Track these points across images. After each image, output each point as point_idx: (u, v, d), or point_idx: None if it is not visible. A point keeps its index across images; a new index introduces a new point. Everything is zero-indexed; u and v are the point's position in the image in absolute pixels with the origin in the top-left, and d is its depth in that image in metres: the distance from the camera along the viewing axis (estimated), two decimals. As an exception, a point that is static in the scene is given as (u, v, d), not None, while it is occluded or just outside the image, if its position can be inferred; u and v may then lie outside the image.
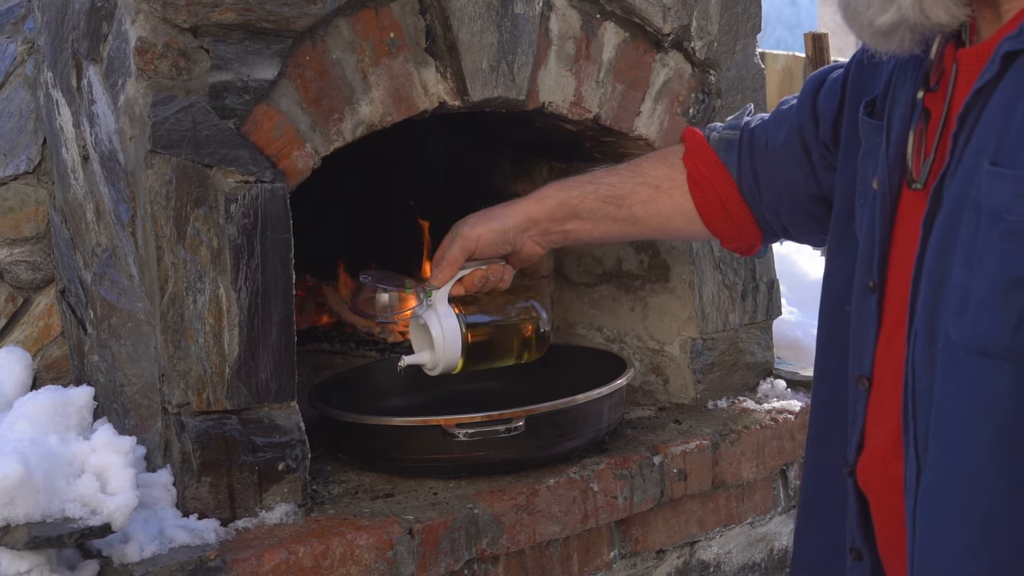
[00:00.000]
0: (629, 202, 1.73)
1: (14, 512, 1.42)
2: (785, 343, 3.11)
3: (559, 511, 1.83)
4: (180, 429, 1.63)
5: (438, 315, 1.75)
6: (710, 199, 1.68)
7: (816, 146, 1.52)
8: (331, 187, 2.17)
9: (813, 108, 1.52)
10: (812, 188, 1.55)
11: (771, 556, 2.23)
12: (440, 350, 1.75)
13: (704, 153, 1.69)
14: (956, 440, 1.08)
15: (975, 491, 1.06)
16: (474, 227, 1.73)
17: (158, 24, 1.55)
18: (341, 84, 1.73)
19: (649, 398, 2.29)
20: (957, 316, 1.07)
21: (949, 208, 1.11)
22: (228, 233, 1.62)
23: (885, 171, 1.24)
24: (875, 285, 1.24)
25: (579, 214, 1.75)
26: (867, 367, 1.25)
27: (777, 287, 2.35)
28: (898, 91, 1.28)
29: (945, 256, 1.10)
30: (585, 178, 1.78)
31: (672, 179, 1.71)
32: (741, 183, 1.65)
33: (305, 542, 1.59)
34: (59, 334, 2.04)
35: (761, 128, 1.65)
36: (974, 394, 1.06)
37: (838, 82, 1.48)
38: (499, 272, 1.78)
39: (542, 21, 1.93)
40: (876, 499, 1.25)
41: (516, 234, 1.75)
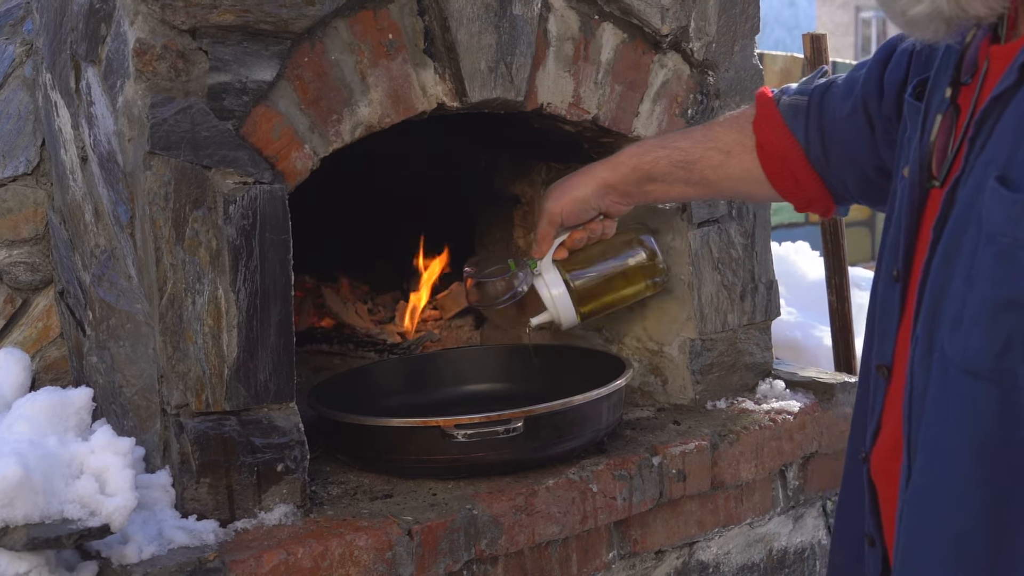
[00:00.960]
0: (700, 167, 1.72)
1: (13, 513, 1.42)
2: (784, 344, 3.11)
3: (558, 512, 1.83)
4: (179, 430, 1.63)
5: (546, 283, 1.93)
6: (778, 166, 1.65)
7: (880, 119, 1.48)
8: (330, 189, 2.17)
9: (880, 79, 1.47)
10: (875, 160, 1.51)
11: (770, 556, 2.23)
12: (555, 312, 1.94)
13: (772, 119, 1.66)
14: (941, 451, 1.08)
15: (953, 505, 1.06)
16: (557, 200, 1.84)
17: (156, 26, 1.55)
18: (340, 85, 1.73)
19: (648, 399, 2.29)
20: (952, 330, 1.06)
21: (957, 216, 1.09)
22: (227, 234, 1.62)
23: (916, 161, 1.21)
24: (899, 274, 1.23)
25: (654, 177, 1.77)
26: (888, 356, 1.24)
27: (776, 288, 2.35)
28: (938, 78, 1.24)
29: (948, 266, 1.09)
30: (658, 142, 1.80)
31: (742, 144, 1.69)
32: (809, 150, 1.62)
33: (304, 543, 1.59)
34: (58, 335, 2.04)
35: (831, 94, 1.60)
36: (959, 410, 1.06)
37: (906, 53, 1.43)
38: (598, 228, 1.89)
39: (540, 22, 1.93)
40: (882, 490, 1.25)
41: (597, 200, 1.82)
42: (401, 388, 2.22)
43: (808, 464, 2.23)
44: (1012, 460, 1.02)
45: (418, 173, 2.77)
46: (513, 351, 2.31)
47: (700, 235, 2.19)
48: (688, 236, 2.18)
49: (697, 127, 1.82)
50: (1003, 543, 1.03)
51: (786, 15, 19.29)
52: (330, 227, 2.59)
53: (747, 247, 2.26)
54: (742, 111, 1.76)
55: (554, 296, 1.92)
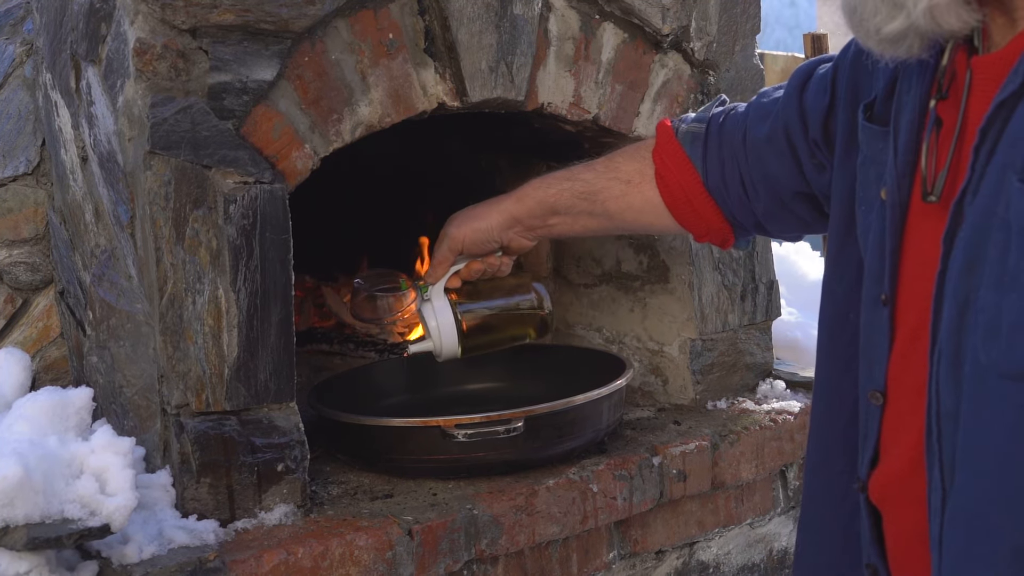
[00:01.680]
0: (602, 198, 1.73)
1: (13, 513, 1.42)
2: (784, 344, 3.11)
3: (558, 512, 1.83)
4: (179, 430, 1.63)
5: (434, 309, 1.87)
6: (676, 195, 1.66)
7: (804, 145, 1.47)
8: (331, 189, 2.17)
9: (800, 105, 1.47)
10: (797, 185, 1.51)
11: (770, 557, 2.23)
12: (438, 340, 1.88)
13: (671, 147, 1.67)
14: (987, 465, 1.04)
15: (1010, 519, 1.02)
16: (459, 227, 1.83)
17: (157, 25, 1.55)
18: (340, 85, 1.73)
19: (648, 399, 2.29)
20: (988, 339, 1.03)
21: (974, 225, 1.06)
22: (227, 234, 1.62)
23: (895, 181, 1.20)
24: (887, 298, 1.21)
25: (558, 210, 1.78)
26: (880, 381, 1.22)
27: (776, 288, 2.35)
28: (903, 96, 1.23)
29: (971, 275, 1.06)
30: (564, 174, 1.80)
31: (642, 174, 1.70)
32: (707, 178, 1.62)
33: (304, 543, 1.59)
34: (58, 335, 2.04)
35: (735, 120, 1.61)
36: (1008, 418, 1.02)
37: (827, 78, 1.43)
38: (496, 263, 1.88)
39: (541, 22, 1.93)
40: (892, 515, 1.22)
41: (500, 232, 1.82)
42: (401, 388, 2.22)
43: (809, 464, 2.23)
44: None
45: (418, 173, 2.77)
46: (514, 351, 2.31)
47: (701, 235, 2.19)
48: (689, 236, 2.18)
49: (601, 159, 1.81)
50: None
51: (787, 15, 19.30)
52: (330, 227, 2.59)
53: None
54: (644, 141, 1.78)
55: (440, 325, 1.87)
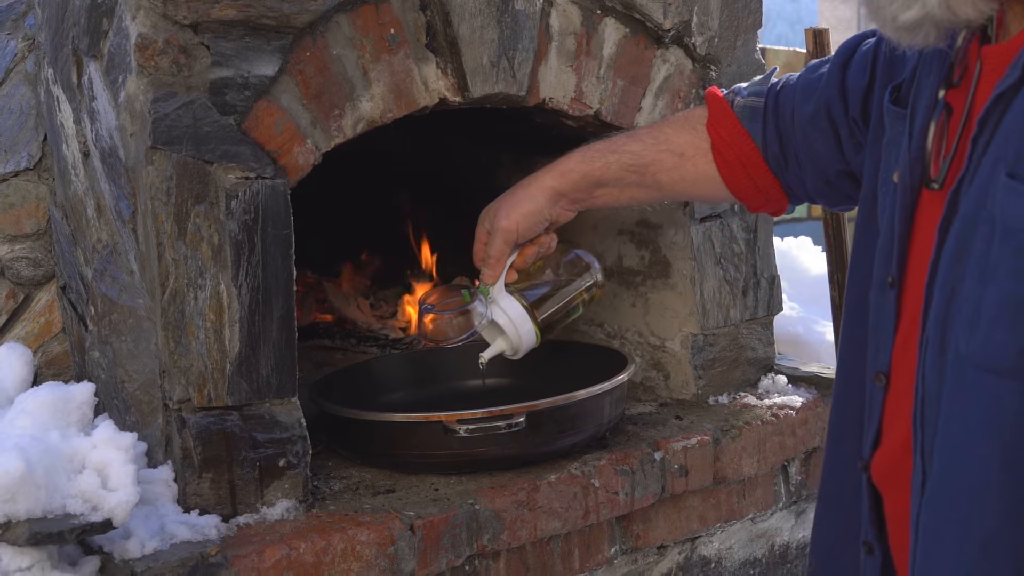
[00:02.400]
0: (653, 170, 1.71)
1: (15, 508, 1.42)
2: (786, 339, 3.11)
3: (560, 507, 1.83)
4: (181, 425, 1.63)
5: (502, 308, 1.81)
6: (735, 168, 1.65)
7: (844, 123, 1.47)
8: (333, 184, 2.17)
9: (842, 84, 1.47)
10: (839, 164, 1.51)
11: (772, 552, 2.23)
12: (515, 337, 1.82)
13: (727, 121, 1.65)
14: (960, 454, 1.05)
15: (977, 508, 1.04)
16: (508, 217, 1.75)
17: (158, 20, 1.55)
18: (342, 80, 1.73)
19: (650, 394, 2.29)
20: (967, 329, 1.04)
21: (965, 216, 1.07)
22: (229, 229, 1.62)
23: (907, 165, 1.21)
24: (894, 280, 1.22)
25: (604, 182, 1.74)
26: (884, 363, 1.23)
27: (778, 283, 2.34)
28: (923, 80, 1.23)
29: (959, 265, 1.07)
30: (606, 146, 1.76)
31: (695, 147, 1.68)
32: (766, 152, 1.62)
33: (306, 538, 1.60)
34: (60, 330, 2.04)
35: (788, 95, 1.60)
36: (980, 410, 1.03)
37: (868, 56, 1.43)
38: (546, 243, 1.82)
39: (542, 17, 1.93)
40: (889, 496, 1.24)
41: (548, 210, 1.77)
42: (403, 383, 2.22)
43: (810, 459, 2.23)
44: None
45: (420, 168, 2.77)
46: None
47: (702, 230, 2.19)
48: (690, 231, 2.18)
49: (643, 129, 1.80)
50: None
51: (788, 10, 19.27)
52: (332, 222, 2.59)
53: (749, 242, 2.26)
54: (691, 111, 1.75)
55: (514, 320, 1.81)
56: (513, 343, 1.83)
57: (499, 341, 1.85)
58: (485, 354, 1.87)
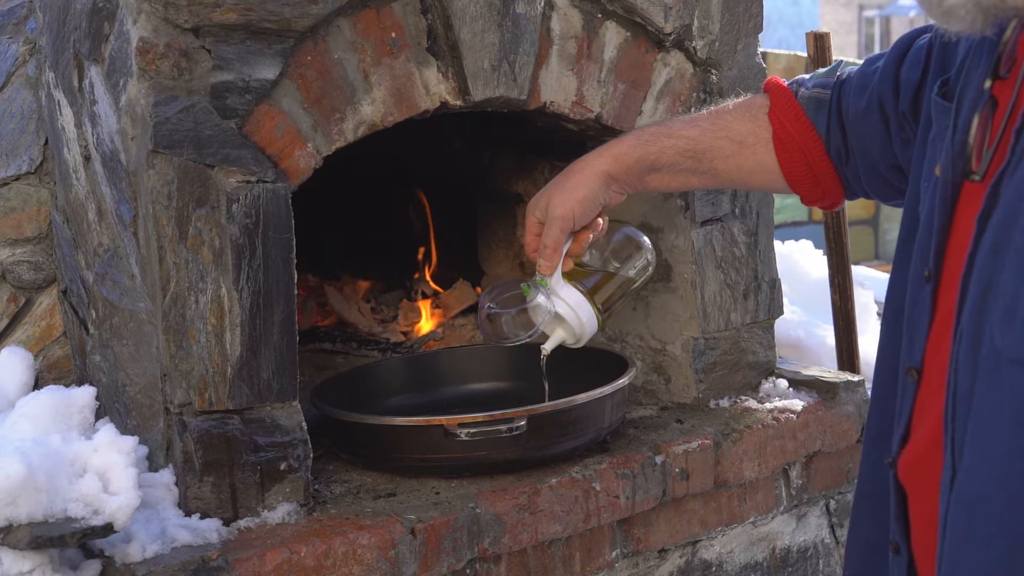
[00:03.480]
0: (710, 157, 1.67)
1: (16, 512, 1.42)
2: (787, 342, 3.11)
3: (561, 510, 1.83)
4: (182, 429, 1.63)
5: (562, 299, 1.76)
6: (796, 159, 1.62)
7: (895, 117, 1.45)
8: (334, 187, 2.17)
9: (896, 77, 1.45)
10: (889, 158, 1.50)
11: (773, 555, 2.23)
12: (578, 326, 1.78)
13: (792, 111, 1.62)
14: (994, 449, 1.04)
15: (1010, 503, 1.02)
16: (565, 204, 1.70)
17: (160, 24, 1.55)
18: (343, 84, 1.73)
19: (651, 397, 2.29)
20: (1004, 322, 1.03)
21: (1005, 208, 1.06)
22: (230, 233, 1.62)
23: (949, 158, 1.19)
24: (931, 275, 1.20)
25: (658, 168, 1.70)
26: (917, 359, 1.22)
27: (779, 286, 2.34)
28: (970, 74, 1.22)
29: (996, 258, 1.05)
30: (661, 131, 1.72)
31: (756, 135, 1.64)
32: (829, 145, 1.59)
33: (307, 542, 1.60)
34: (61, 334, 2.04)
35: (847, 89, 1.58)
36: (1014, 404, 1.02)
37: (923, 51, 1.41)
38: (600, 227, 1.78)
39: (543, 21, 1.93)
40: (915, 495, 1.22)
41: (603, 194, 1.72)
42: (404, 387, 2.22)
43: (811, 463, 2.23)
44: None
45: (421, 171, 2.77)
46: (516, 350, 2.31)
47: (703, 233, 2.19)
48: (691, 235, 2.18)
49: (702, 115, 1.75)
50: None
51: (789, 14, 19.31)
52: (333, 225, 2.59)
53: (750, 245, 2.26)
54: (751, 99, 1.71)
55: (575, 308, 1.76)
56: (576, 332, 1.79)
57: (559, 331, 1.81)
58: (547, 345, 1.83)
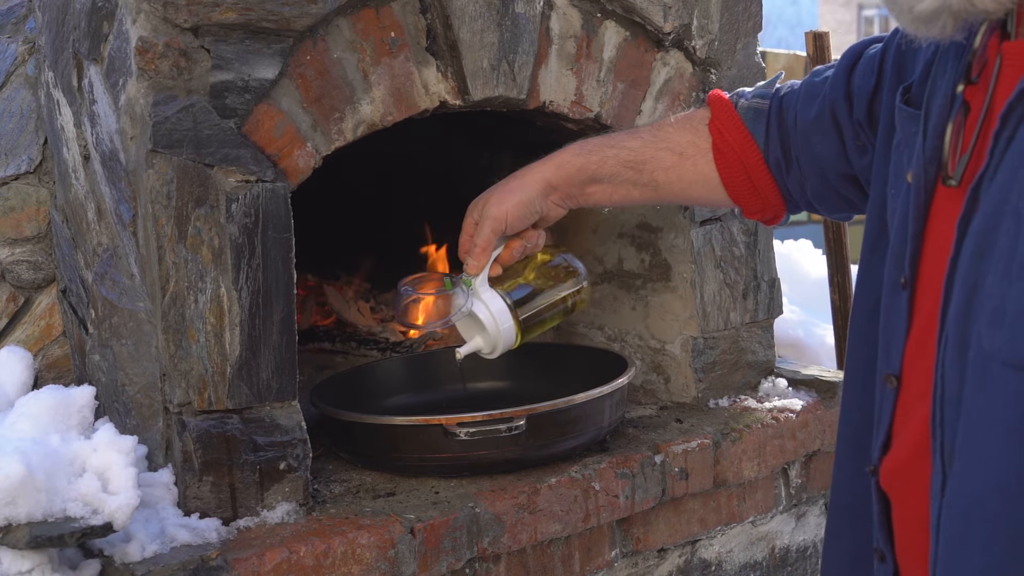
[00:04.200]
0: (650, 168, 1.67)
1: (16, 511, 1.42)
2: (786, 342, 3.11)
3: (560, 510, 1.83)
4: (181, 428, 1.63)
5: (484, 302, 1.73)
6: (735, 170, 1.62)
7: (849, 125, 1.46)
8: (333, 187, 2.17)
9: (847, 85, 1.45)
10: (842, 167, 1.49)
11: (772, 555, 2.23)
12: (495, 334, 1.75)
13: (731, 122, 1.63)
14: (987, 452, 1.04)
15: (1005, 506, 1.02)
16: (500, 205, 1.70)
17: (159, 24, 1.55)
18: (342, 83, 1.73)
19: (650, 397, 2.29)
20: (992, 326, 1.03)
21: (987, 211, 1.06)
22: (229, 232, 1.62)
23: (921, 164, 1.19)
24: (907, 281, 1.20)
25: (599, 178, 1.69)
26: (896, 366, 1.22)
27: (778, 286, 2.34)
28: (937, 80, 1.22)
29: (981, 262, 1.05)
30: (605, 141, 1.72)
31: (696, 146, 1.65)
32: (768, 155, 1.60)
33: (306, 541, 1.60)
34: (60, 334, 2.04)
35: (791, 99, 1.58)
36: (1007, 407, 1.02)
37: (875, 59, 1.41)
38: (533, 238, 1.76)
39: (543, 20, 1.93)
40: (898, 501, 1.22)
41: (540, 201, 1.71)
42: (403, 386, 2.22)
43: (811, 462, 2.23)
44: None
45: (420, 171, 2.77)
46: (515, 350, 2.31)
47: (702, 233, 2.19)
48: (690, 234, 2.18)
49: (643, 127, 1.76)
50: None
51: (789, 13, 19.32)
52: (332, 225, 2.59)
53: (749, 245, 2.26)
54: (693, 112, 1.72)
55: (495, 315, 1.73)
56: (492, 339, 1.76)
57: (477, 338, 1.78)
58: (461, 350, 1.80)
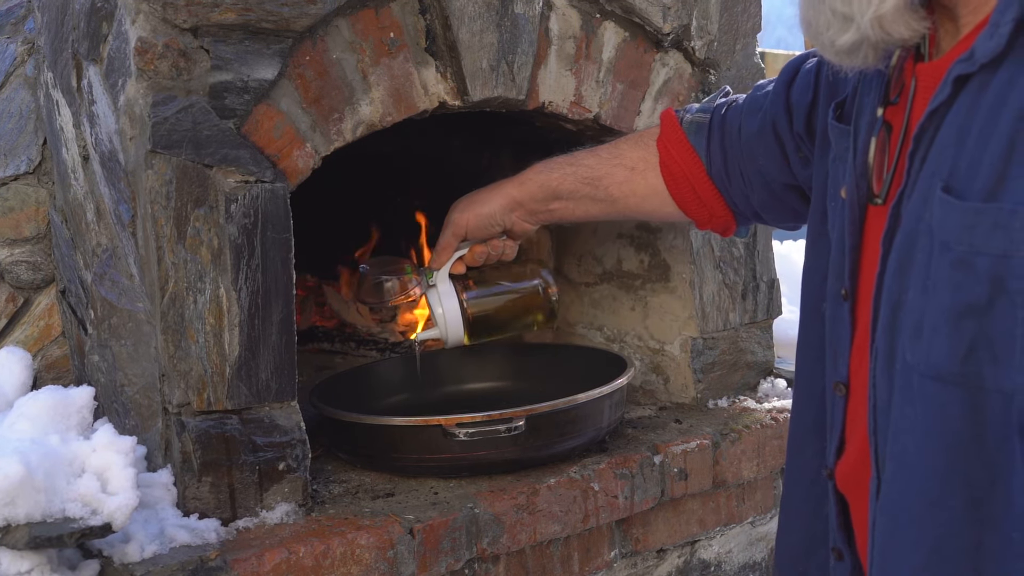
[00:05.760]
0: (605, 183, 1.77)
1: (15, 512, 1.42)
2: (786, 342, 3.10)
3: (560, 510, 1.83)
4: (180, 429, 1.63)
5: (439, 295, 1.89)
6: (680, 182, 1.71)
7: (790, 138, 1.52)
8: (332, 187, 2.17)
9: (787, 100, 1.52)
10: (785, 177, 1.56)
11: (772, 555, 2.23)
12: (443, 327, 1.90)
13: (675, 136, 1.72)
14: (911, 459, 1.08)
15: (929, 511, 1.06)
16: (462, 213, 1.86)
17: (158, 24, 1.55)
18: (341, 84, 1.73)
19: (650, 397, 2.29)
20: (913, 339, 1.07)
21: (906, 230, 1.10)
22: (228, 233, 1.62)
23: (853, 180, 1.24)
24: (847, 292, 1.25)
25: (560, 195, 1.81)
26: (843, 374, 1.26)
27: (778, 286, 2.35)
28: (863, 97, 1.27)
29: (903, 277, 1.10)
30: (566, 159, 1.83)
31: (646, 161, 1.75)
32: (710, 167, 1.68)
33: (306, 542, 1.60)
34: (59, 334, 2.04)
35: (734, 112, 1.66)
36: (928, 416, 1.06)
37: (811, 74, 1.47)
38: (500, 247, 1.89)
39: (542, 21, 1.93)
40: (854, 503, 1.26)
41: (502, 216, 1.85)
42: (403, 387, 2.22)
43: (810, 463, 2.23)
44: (985, 460, 1.02)
45: (419, 171, 2.77)
46: (515, 350, 2.31)
47: (702, 234, 2.19)
48: (690, 234, 2.18)
49: (604, 145, 1.85)
50: (983, 538, 1.03)
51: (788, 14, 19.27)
52: (332, 225, 2.59)
53: (749, 245, 2.26)
54: (648, 130, 1.82)
55: (445, 311, 1.90)
56: (440, 331, 1.91)
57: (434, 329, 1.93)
58: (419, 335, 1.98)
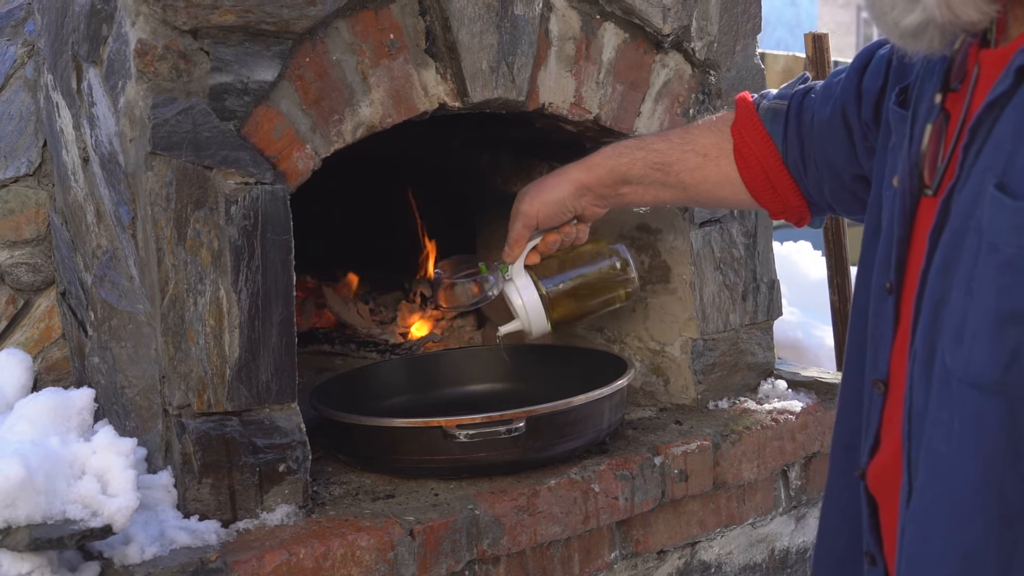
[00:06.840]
0: (677, 170, 1.72)
1: (15, 514, 1.42)
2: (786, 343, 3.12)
3: (560, 512, 1.83)
4: (181, 430, 1.63)
5: (517, 288, 1.88)
6: (755, 171, 1.65)
7: (858, 126, 1.47)
8: (332, 188, 2.17)
9: (858, 86, 1.46)
10: (853, 167, 1.50)
11: (772, 557, 2.23)
12: (525, 319, 1.89)
13: (751, 123, 1.66)
14: (944, 468, 1.04)
15: (959, 522, 1.03)
16: (531, 203, 1.81)
17: (158, 26, 1.55)
18: (341, 85, 1.73)
19: (650, 399, 2.29)
20: (953, 342, 1.03)
21: (954, 226, 1.05)
22: (228, 235, 1.62)
23: (906, 169, 1.19)
24: (892, 286, 1.20)
25: (630, 180, 1.76)
26: (883, 371, 1.22)
27: (778, 287, 2.34)
28: (925, 83, 1.22)
29: (947, 276, 1.05)
30: (636, 143, 1.79)
31: (719, 148, 1.69)
32: (786, 156, 1.61)
33: (306, 543, 1.59)
34: (60, 336, 2.04)
35: (810, 99, 1.60)
36: (963, 425, 1.02)
37: (883, 60, 1.42)
38: (571, 232, 1.87)
39: (542, 22, 1.93)
40: (885, 505, 1.22)
41: (572, 201, 1.81)
42: (403, 388, 2.22)
43: (810, 464, 2.23)
44: (1020, 473, 0.98)
45: (419, 172, 2.77)
46: (515, 351, 2.31)
47: (702, 235, 2.19)
48: (690, 236, 2.18)
49: (675, 130, 1.81)
50: (1014, 556, 1.00)
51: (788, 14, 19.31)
52: (331, 227, 2.59)
53: (749, 247, 2.26)
54: (722, 115, 1.76)
55: (525, 302, 1.88)
56: (523, 324, 1.89)
57: (516, 321, 1.91)
58: (503, 328, 1.94)
